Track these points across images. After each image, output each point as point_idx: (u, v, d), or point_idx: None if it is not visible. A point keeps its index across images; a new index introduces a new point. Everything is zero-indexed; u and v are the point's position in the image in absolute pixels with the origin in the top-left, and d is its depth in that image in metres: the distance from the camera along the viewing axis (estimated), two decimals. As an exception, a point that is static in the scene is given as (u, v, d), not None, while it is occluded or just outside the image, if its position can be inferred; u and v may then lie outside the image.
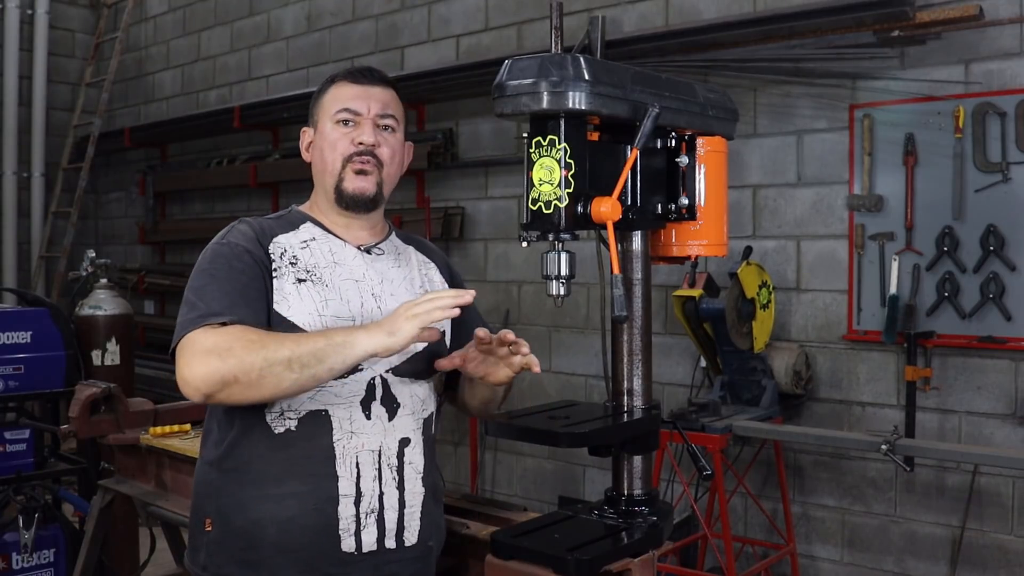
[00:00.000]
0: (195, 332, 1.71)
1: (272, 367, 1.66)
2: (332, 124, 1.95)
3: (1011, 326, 3.90)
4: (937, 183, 4.05)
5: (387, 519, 1.87)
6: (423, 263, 2.09)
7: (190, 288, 1.82)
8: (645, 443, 1.97)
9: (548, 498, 5.44)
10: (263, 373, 1.66)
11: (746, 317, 4.15)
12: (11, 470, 4.14)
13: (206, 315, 1.73)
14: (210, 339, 1.69)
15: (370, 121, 1.94)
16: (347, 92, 1.96)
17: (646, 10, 4.99)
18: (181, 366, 1.70)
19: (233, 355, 1.66)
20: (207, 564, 1.90)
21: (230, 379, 1.66)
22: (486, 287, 5.66)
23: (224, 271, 1.81)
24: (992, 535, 4.00)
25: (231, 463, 1.87)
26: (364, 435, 1.85)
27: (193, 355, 1.69)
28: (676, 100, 1.91)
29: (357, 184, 1.93)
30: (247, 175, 6.87)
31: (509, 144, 5.44)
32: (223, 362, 1.66)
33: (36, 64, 8.14)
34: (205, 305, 1.76)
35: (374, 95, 1.96)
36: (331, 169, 1.94)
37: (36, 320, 4.35)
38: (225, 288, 1.78)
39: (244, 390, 1.68)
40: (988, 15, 3.87)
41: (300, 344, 1.68)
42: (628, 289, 1.94)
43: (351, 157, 1.93)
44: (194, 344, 1.70)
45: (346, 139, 1.93)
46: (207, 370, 1.66)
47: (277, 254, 1.88)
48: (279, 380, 1.67)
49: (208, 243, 1.92)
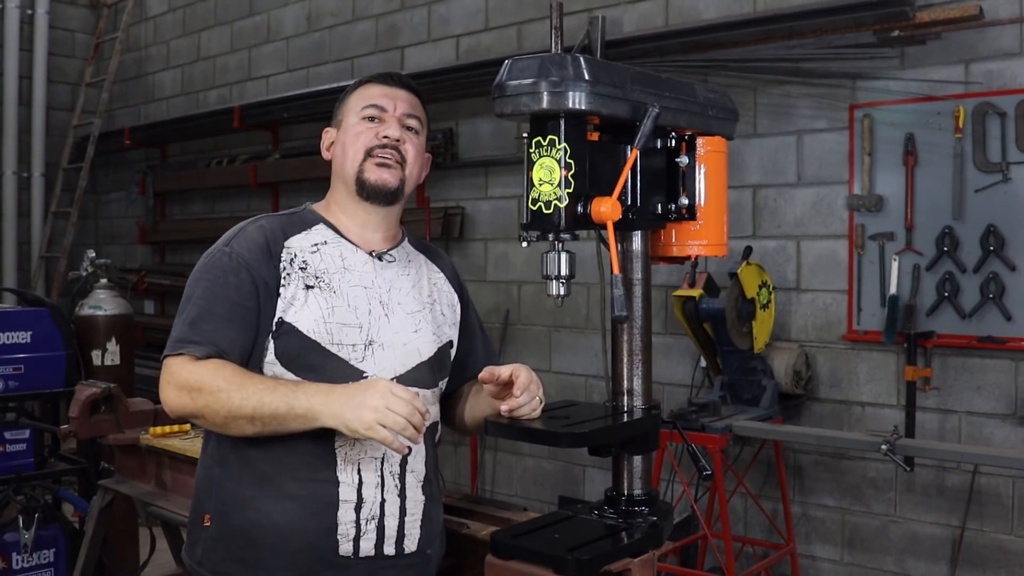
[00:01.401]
0: (174, 360, 1.79)
1: (236, 419, 1.74)
2: (358, 119, 1.96)
3: (1011, 326, 3.90)
4: (937, 183, 4.05)
5: (387, 526, 1.88)
6: (433, 272, 2.09)
7: (186, 294, 1.88)
8: (645, 443, 1.97)
9: (548, 498, 5.44)
10: (227, 421, 1.75)
11: (746, 317, 4.15)
12: (11, 470, 4.14)
13: (187, 341, 1.80)
14: (184, 373, 1.77)
15: (396, 119, 1.96)
16: (375, 91, 1.99)
17: (646, 10, 4.99)
18: (160, 387, 1.81)
19: (202, 398, 1.74)
20: (203, 559, 1.90)
21: (199, 416, 1.78)
22: (486, 287, 5.66)
23: (220, 285, 1.84)
24: (992, 535, 4.00)
25: (233, 461, 1.87)
26: (367, 442, 1.84)
27: (168, 384, 1.79)
28: (676, 100, 1.91)
29: (379, 175, 1.93)
30: (247, 175, 6.87)
31: (509, 144, 5.44)
32: (192, 401, 1.76)
33: (36, 64, 8.14)
34: (190, 325, 1.81)
35: (401, 96, 1.98)
36: (352, 160, 1.95)
37: (36, 320, 4.35)
38: (212, 308, 1.82)
39: (210, 426, 1.81)
40: (988, 15, 3.87)
41: (263, 403, 1.72)
42: (628, 289, 1.94)
43: (373, 150, 1.94)
44: (172, 374, 1.79)
45: (370, 132, 1.95)
46: (179, 403, 1.78)
47: (287, 260, 1.87)
48: (242, 429, 1.77)
49: (215, 242, 1.92)
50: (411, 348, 1.94)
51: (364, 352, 1.88)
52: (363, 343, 1.88)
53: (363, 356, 1.87)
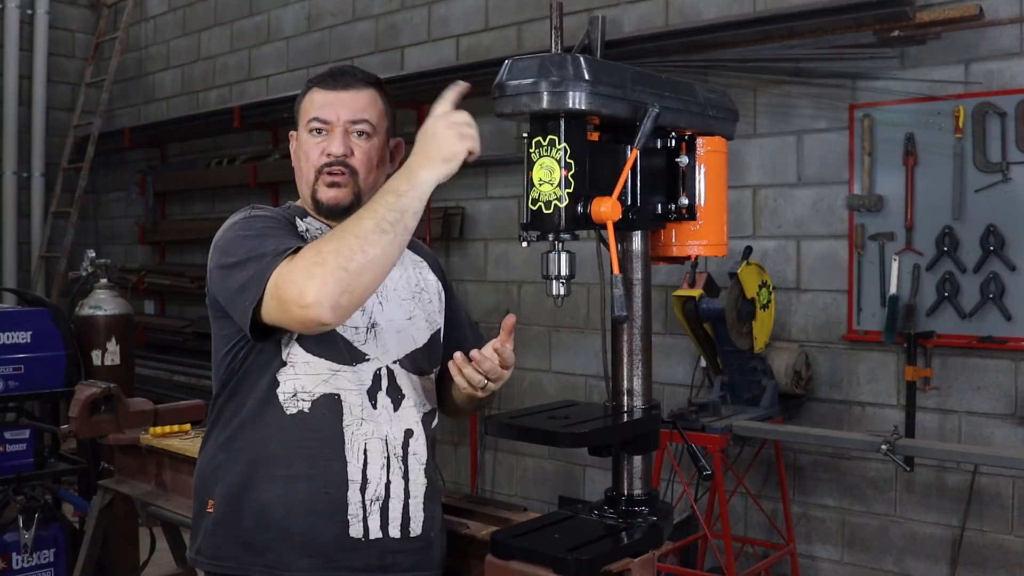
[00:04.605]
0: (277, 271, 1.65)
1: (367, 241, 1.62)
2: (306, 132, 1.94)
3: (1011, 326, 3.90)
4: (937, 183, 4.05)
5: (391, 508, 1.88)
6: (416, 263, 2.10)
7: (242, 252, 1.74)
8: (645, 443, 1.97)
9: (548, 498, 5.44)
10: (364, 250, 1.61)
11: (746, 317, 4.15)
12: (11, 470, 4.14)
13: (274, 254, 1.68)
14: (299, 261, 1.63)
15: (340, 129, 1.91)
16: (319, 99, 1.94)
17: (646, 10, 4.99)
18: (294, 299, 1.61)
19: (328, 254, 1.61)
20: (202, 547, 1.90)
21: (342, 277, 1.60)
22: (486, 287, 5.66)
23: (269, 229, 1.79)
24: (992, 535, 4.00)
25: (240, 443, 1.87)
26: (372, 422, 1.87)
27: (294, 283, 1.61)
28: (676, 100, 1.91)
29: (330, 195, 1.91)
30: (247, 175, 6.87)
31: (509, 144, 5.43)
32: (326, 267, 1.60)
33: (36, 64, 8.14)
34: (265, 250, 1.70)
35: (345, 101, 1.92)
36: (306, 179, 1.94)
37: (36, 320, 4.35)
38: (274, 235, 1.76)
39: (358, 278, 1.61)
40: (988, 15, 3.87)
41: (372, 210, 1.65)
42: (628, 289, 1.94)
43: (322, 168, 1.91)
44: (288, 274, 1.63)
45: (317, 149, 1.92)
46: (319, 284, 1.59)
47: (303, 231, 1.90)
48: (381, 250, 1.63)
49: (218, 231, 1.89)
50: (407, 335, 1.97)
51: (366, 335, 1.90)
52: (365, 326, 1.90)
53: (365, 338, 1.90)
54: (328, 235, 1.68)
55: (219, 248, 1.83)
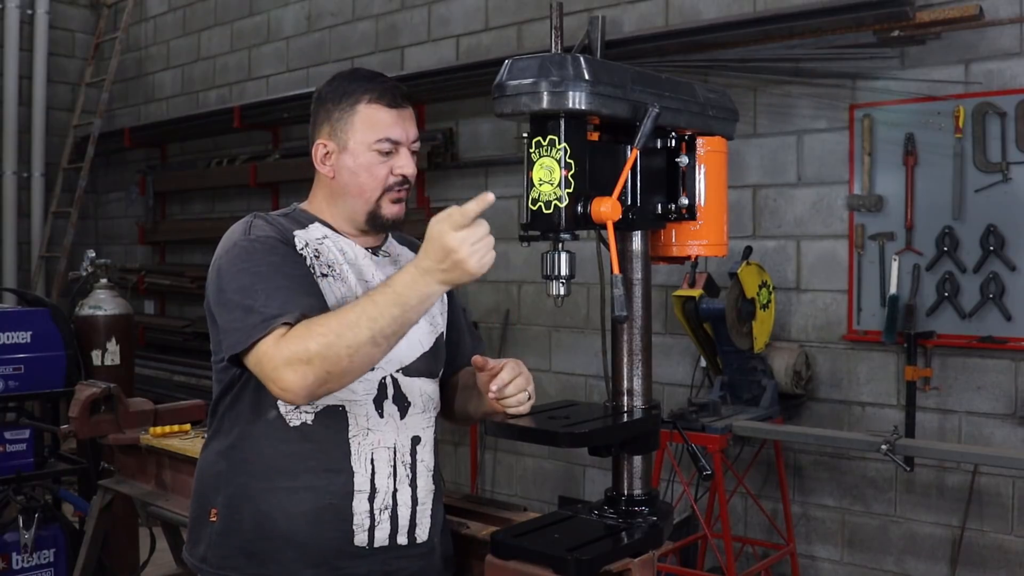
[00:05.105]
0: (266, 343, 1.67)
1: (358, 352, 1.63)
2: (367, 150, 1.89)
3: (1011, 326, 3.90)
4: (937, 183, 4.05)
5: (400, 515, 1.88)
6: None
7: (235, 290, 1.75)
8: (645, 443, 1.97)
9: (548, 498, 5.44)
10: (352, 359, 1.63)
11: (746, 317, 4.15)
12: (11, 470, 4.13)
13: (268, 319, 1.68)
14: (285, 349, 1.64)
15: (406, 148, 1.92)
16: (384, 118, 1.89)
17: (646, 10, 4.99)
18: (273, 380, 1.66)
19: (316, 357, 1.62)
20: (207, 555, 1.89)
21: (323, 377, 1.63)
22: (486, 287, 5.66)
23: (266, 266, 1.76)
24: (992, 535, 4.00)
25: (241, 453, 1.87)
26: (379, 432, 1.86)
27: (276, 369, 1.65)
28: (676, 100, 1.91)
29: (394, 211, 1.92)
30: (247, 175, 6.87)
31: (509, 144, 5.44)
32: (310, 366, 1.62)
33: (36, 64, 8.14)
34: (262, 307, 1.70)
35: (407, 118, 1.93)
36: (368, 196, 1.91)
37: (36, 320, 4.35)
38: (275, 283, 1.73)
39: (340, 379, 1.66)
40: (988, 15, 3.87)
41: (376, 321, 1.63)
42: (628, 289, 1.94)
43: (392, 187, 1.91)
44: (272, 359, 1.65)
45: (385, 167, 1.90)
46: (300, 378, 1.63)
47: (302, 246, 1.87)
48: (369, 359, 1.66)
49: (215, 244, 1.89)
50: (413, 339, 1.94)
51: None
52: None
53: None
54: (320, 329, 1.64)
55: (218, 268, 1.82)
